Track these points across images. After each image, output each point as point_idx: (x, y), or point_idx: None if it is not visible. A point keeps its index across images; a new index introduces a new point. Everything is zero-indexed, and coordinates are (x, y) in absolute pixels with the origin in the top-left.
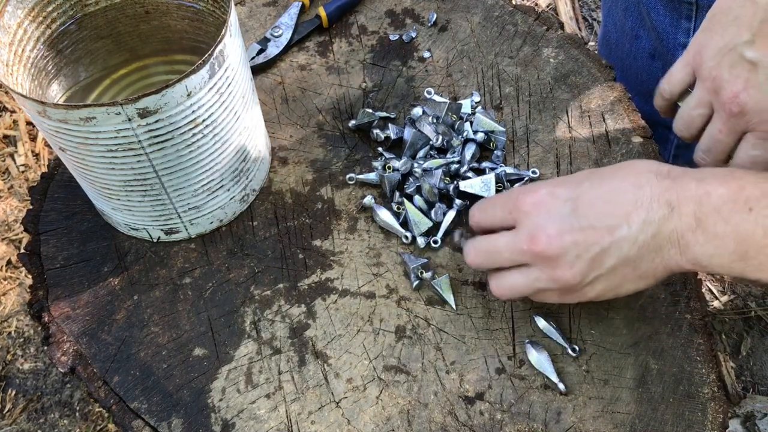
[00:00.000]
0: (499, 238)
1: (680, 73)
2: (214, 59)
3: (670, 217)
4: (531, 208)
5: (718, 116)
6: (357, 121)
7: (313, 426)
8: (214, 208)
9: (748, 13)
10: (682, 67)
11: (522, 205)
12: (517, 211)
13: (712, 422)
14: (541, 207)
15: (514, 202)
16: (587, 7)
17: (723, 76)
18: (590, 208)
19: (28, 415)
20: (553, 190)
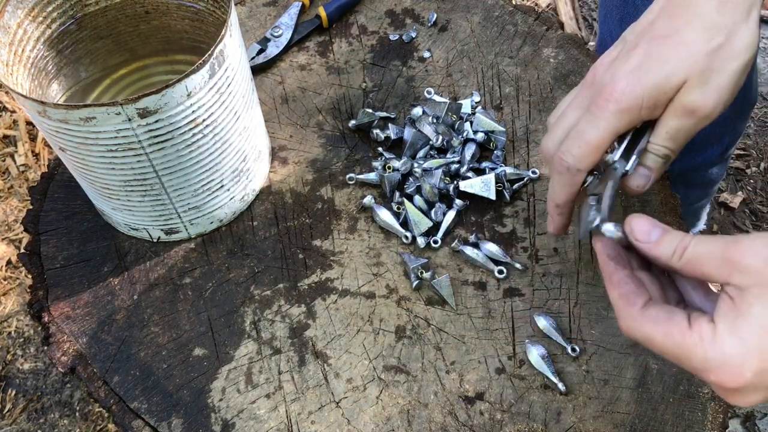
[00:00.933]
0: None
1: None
2: (214, 59)
3: None
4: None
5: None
6: (357, 121)
7: (313, 426)
8: (214, 208)
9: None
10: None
11: (722, 389)
12: (709, 383)
13: (712, 422)
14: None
15: (706, 379)
16: (587, 7)
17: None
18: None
19: (28, 415)
20: (759, 368)
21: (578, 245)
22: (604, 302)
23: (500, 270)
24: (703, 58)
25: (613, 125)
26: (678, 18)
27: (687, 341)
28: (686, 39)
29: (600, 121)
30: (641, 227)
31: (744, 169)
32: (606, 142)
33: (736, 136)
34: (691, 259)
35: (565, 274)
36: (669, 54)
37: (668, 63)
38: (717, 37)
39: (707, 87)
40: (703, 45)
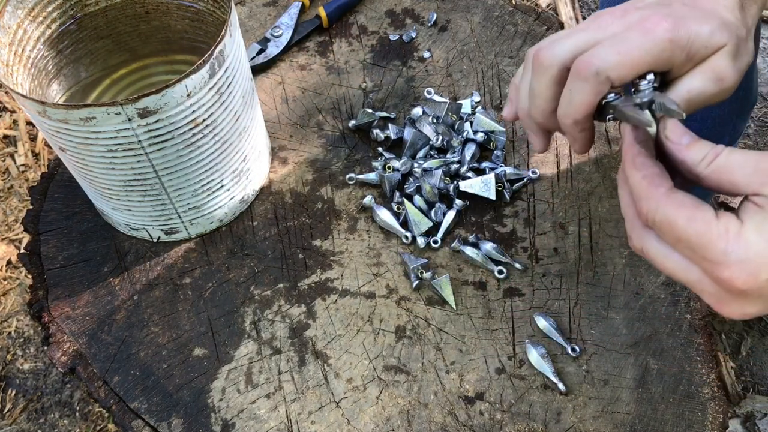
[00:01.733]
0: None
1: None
2: (214, 59)
3: None
4: (737, 292)
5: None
6: (357, 121)
7: (313, 426)
8: (214, 208)
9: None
10: None
11: (726, 283)
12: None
13: (712, 422)
14: (753, 294)
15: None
16: (587, 7)
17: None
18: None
19: (28, 415)
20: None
21: (578, 245)
22: (604, 302)
23: (500, 270)
24: (737, 37)
25: (660, 49)
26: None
27: (712, 230)
28: (724, 16)
29: (649, 36)
30: (675, 128)
31: None
32: (646, 63)
33: (737, 135)
34: (722, 166)
35: (565, 274)
36: (714, 19)
37: (713, 24)
38: (741, 30)
39: (736, 62)
40: (735, 28)
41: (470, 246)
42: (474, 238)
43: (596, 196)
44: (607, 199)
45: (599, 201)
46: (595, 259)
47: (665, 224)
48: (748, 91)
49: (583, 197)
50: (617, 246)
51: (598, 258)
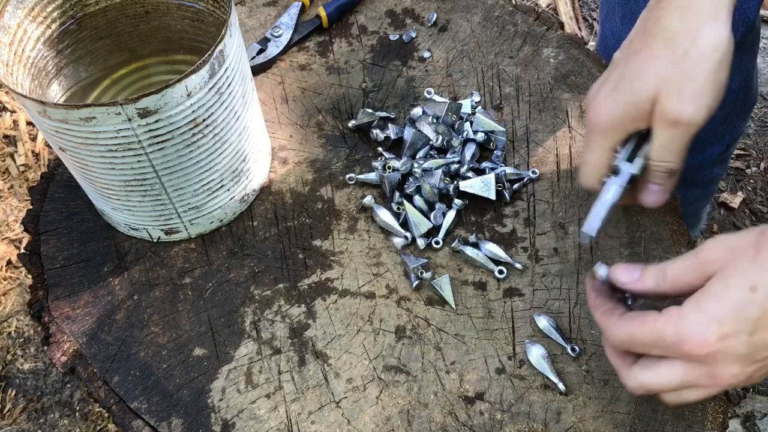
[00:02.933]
0: (671, 376)
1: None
2: (214, 59)
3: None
4: (704, 359)
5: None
6: (357, 121)
7: (313, 426)
8: (214, 208)
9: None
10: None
11: (691, 356)
12: (686, 358)
13: (712, 422)
14: (716, 356)
15: (678, 350)
16: (587, 7)
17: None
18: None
19: (28, 415)
20: (722, 333)
21: (578, 245)
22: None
23: (500, 270)
24: (671, 68)
25: (601, 145)
26: (648, 33)
27: (659, 322)
28: (654, 52)
29: (591, 143)
30: (622, 272)
31: (744, 169)
32: (602, 159)
33: (737, 135)
34: (674, 277)
35: (565, 274)
36: (641, 71)
37: (639, 79)
38: (682, 44)
39: (682, 94)
40: (669, 55)
41: (470, 246)
42: (474, 238)
43: (596, 196)
44: None
45: None
46: (595, 259)
47: (629, 339)
48: (748, 91)
49: (583, 197)
50: (617, 246)
51: (598, 258)
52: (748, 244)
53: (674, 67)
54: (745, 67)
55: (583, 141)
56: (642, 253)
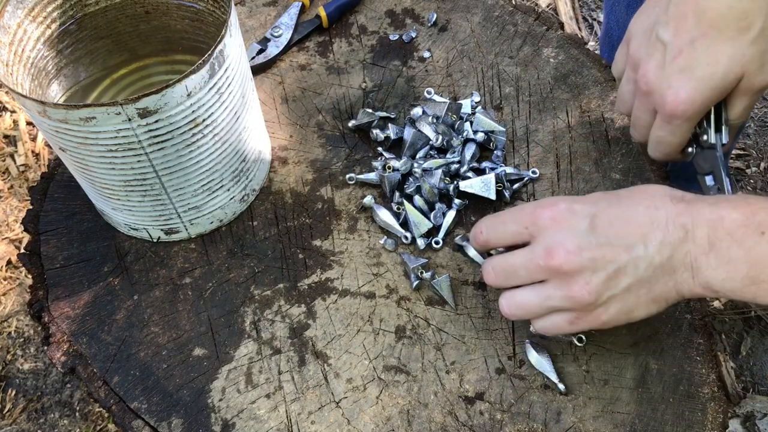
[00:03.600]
0: (515, 255)
1: (619, 54)
2: (214, 59)
3: (684, 240)
4: (549, 223)
5: (635, 92)
6: (357, 121)
7: (313, 426)
8: (214, 208)
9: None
10: (620, 48)
11: (539, 219)
12: (534, 225)
13: (712, 422)
14: (560, 222)
15: (530, 216)
16: (587, 7)
17: (640, 54)
18: (608, 226)
19: (28, 415)
20: (571, 206)
21: None
22: None
23: None
24: (750, 49)
25: (687, 128)
26: (708, 16)
27: (520, 206)
28: (727, 35)
29: (675, 128)
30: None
31: (744, 169)
32: (686, 138)
33: (739, 130)
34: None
35: None
36: (716, 55)
37: (719, 64)
38: (755, 25)
39: (765, 67)
40: (744, 37)
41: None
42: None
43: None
44: None
45: None
46: None
47: (494, 224)
48: None
49: None
50: None
51: None
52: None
53: (753, 47)
54: None
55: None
56: None
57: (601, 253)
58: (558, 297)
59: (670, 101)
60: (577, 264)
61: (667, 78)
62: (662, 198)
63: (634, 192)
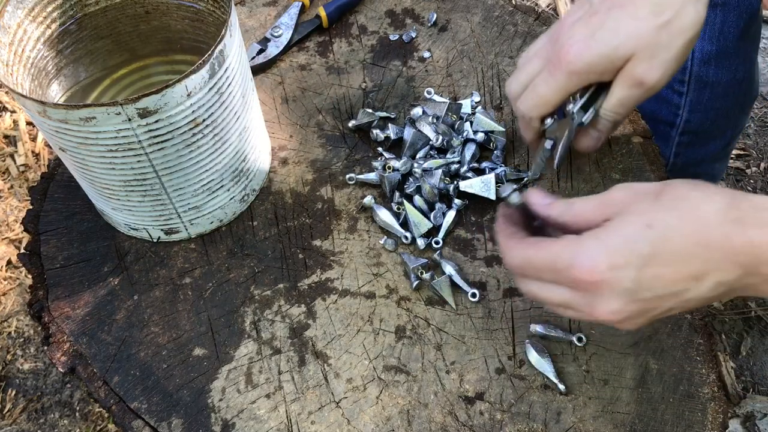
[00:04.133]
0: (556, 296)
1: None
2: (214, 59)
3: (745, 276)
4: (590, 287)
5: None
6: (357, 121)
7: (313, 426)
8: (214, 208)
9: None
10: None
11: (579, 283)
12: (574, 284)
13: (712, 422)
14: (602, 286)
15: (569, 274)
16: None
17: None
18: (655, 280)
19: (28, 415)
20: (612, 263)
21: None
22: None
23: None
24: (651, 33)
25: (563, 84)
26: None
27: (554, 248)
28: (638, 14)
29: (552, 79)
30: (536, 194)
31: (744, 169)
32: (556, 97)
33: (738, 130)
34: (577, 210)
35: None
36: (620, 26)
37: (618, 35)
38: (666, 13)
39: (654, 60)
40: (652, 20)
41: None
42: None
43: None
44: None
45: None
46: None
47: (525, 261)
48: (751, 83)
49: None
50: None
51: None
52: (651, 190)
53: (655, 33)
54: (748, 57)
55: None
56: None
57: (648, 305)
58: (584, 317)
59: (564, 51)
60: (622, 318)
61: (572, 31)
62: (714, 224)
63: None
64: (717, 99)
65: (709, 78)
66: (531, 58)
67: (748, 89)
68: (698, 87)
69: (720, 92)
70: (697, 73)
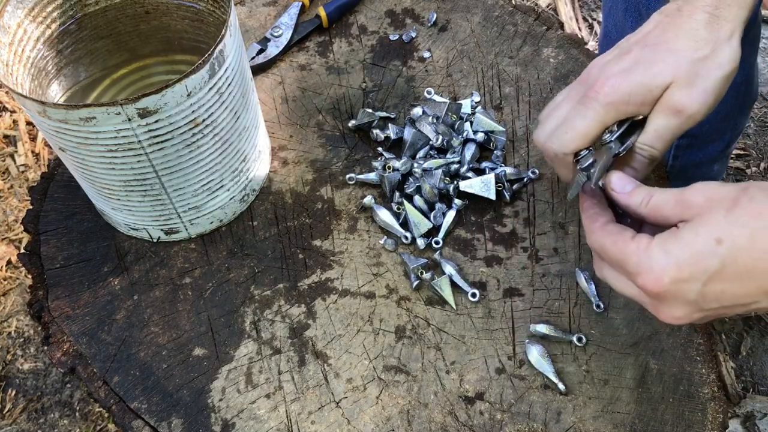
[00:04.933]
0: (625, 288)
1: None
2: (214, 59)
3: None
4: (654, 295)
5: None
6: (357, 121)
7: (313, 426)
8: (214, 208)
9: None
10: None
11: (647, 292)
12: (641, 296)
13: (712, 422)
14: (666, 298)
15: (634, 279)
16: (587, 7)
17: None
18: (721, 293)
19: (28, 415)
20: (677, 277)
21: (578, 245)
22: (604, 302)
23: None
24: (688, 64)
25: (600, 116)
26: (669, 31)
27: (628, 248)
28: (675, 47)
29: (588, 111)
30: (618, 180)
31: (744, 169)
32: (592, 130)
33: (737, 132)
34: (655, 205)
35: (565, 274)
36: (657, 58)
37: (655, 65)
38: (703, 49)
39: (693, 89)
40: (689, 53)
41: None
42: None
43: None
44: None
45: None
46: None
47: (601, 250)
48: (749, 86)
49: None
50: None
51: None
52: (727, 197)
53: (692, 65)
54: (747, 61)
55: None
56: None
57: (714, 313)
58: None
59: (599, 84)
60: (686, 322)
61: (606, 68)
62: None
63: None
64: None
65: None
66: (558, 105)
67: (747, 91)
68: None
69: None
70: None
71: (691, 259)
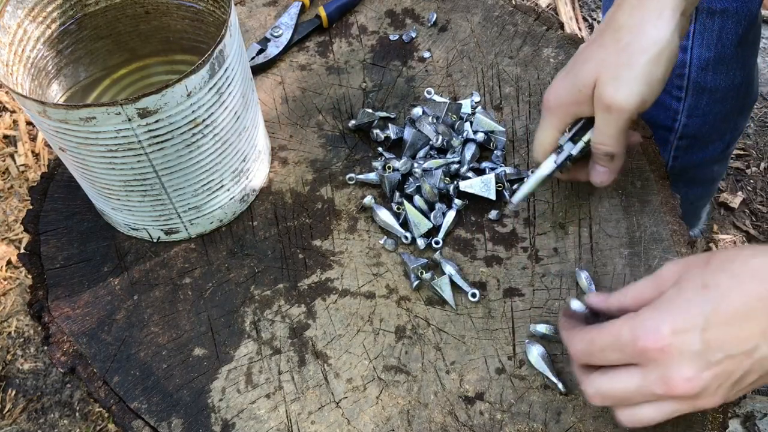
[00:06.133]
0: (626, 381)
1: None
2: (214, 59)
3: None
4: (658, 355)
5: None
6: (357, 121)
7: (313, 426)
8: (214, 208)
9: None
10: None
11: (647, 353)
12: (641, 358)
13: (712, 422)
14: (669, 352)
15: (633, 347)
16: (587, 7)
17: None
18: (722, 338)
19: (28, 415)
20: (675, 327)
21: (578, 245)
22: None
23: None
24: (612, 56)
25: (550, 124)
26: (603, 26)
27: (615, 325)
28: (603, 42)
29: (542, 120)
30: (595, 297)
31: (744, 169)
32: (548, 137)
33: (737, 133)
34: (634, 293)
35: (564, 274)
36: (588, 57)
37: (585, 64)
38: (625, 37)
39: (617, 81)
40: (613, 45)
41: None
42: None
43: (596, 196)
44: (607, 198)
45: (599, 201)
46: (595, 259)
47: (588, 345)
48: (749, 87)
49: (583, 197)
50: (617, 246)
51: (598, 258)
52: (699, 258)
53: (615, 56)
54: (747, 63)
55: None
56: (642, 253)
57: (722, 368)
58: (685, 409)
59: (545, 95)
60: (700, 387)
61: (555, 78)
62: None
63: (733, 277)
64: (715, 104)
65: (707, 84)
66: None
67: (747, 93)
68: (696, 92)
69: (718, 97)
70: (695, 79)
71: (683, 308)
